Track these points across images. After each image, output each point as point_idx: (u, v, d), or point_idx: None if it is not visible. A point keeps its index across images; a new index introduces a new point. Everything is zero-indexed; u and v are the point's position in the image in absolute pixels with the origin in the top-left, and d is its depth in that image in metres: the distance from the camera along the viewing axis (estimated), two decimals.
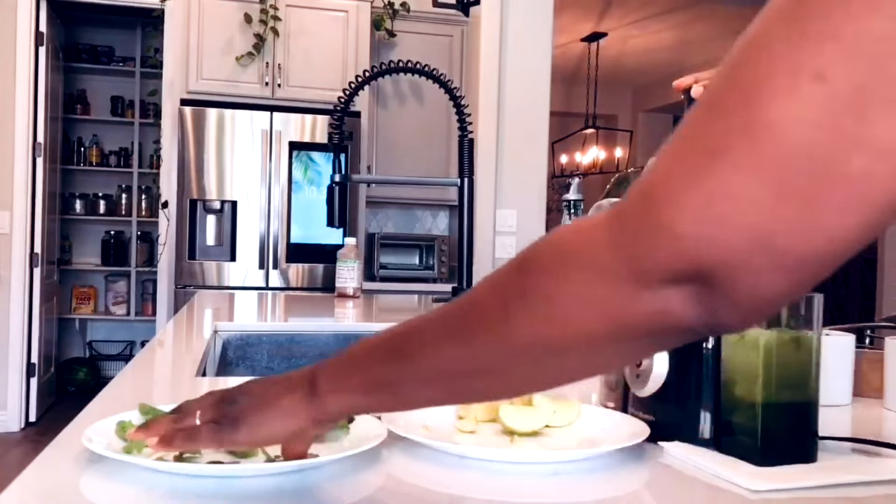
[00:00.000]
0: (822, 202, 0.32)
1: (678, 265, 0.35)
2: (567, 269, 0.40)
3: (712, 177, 0.34)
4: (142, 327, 5.75)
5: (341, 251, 2.70)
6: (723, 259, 0.34)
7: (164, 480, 0.68)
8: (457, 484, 0.72)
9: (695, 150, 0.35)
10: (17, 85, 4.34)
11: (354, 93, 1.82)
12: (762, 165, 0.33)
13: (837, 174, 0.32)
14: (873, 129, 0.31)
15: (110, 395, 1.04)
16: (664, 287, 0.37)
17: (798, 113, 0.32)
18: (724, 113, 0.34)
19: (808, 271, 0.34)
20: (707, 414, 0.83)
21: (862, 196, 0.32)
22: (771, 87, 0.32)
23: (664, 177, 0.36)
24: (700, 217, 0.34)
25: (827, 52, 0.31)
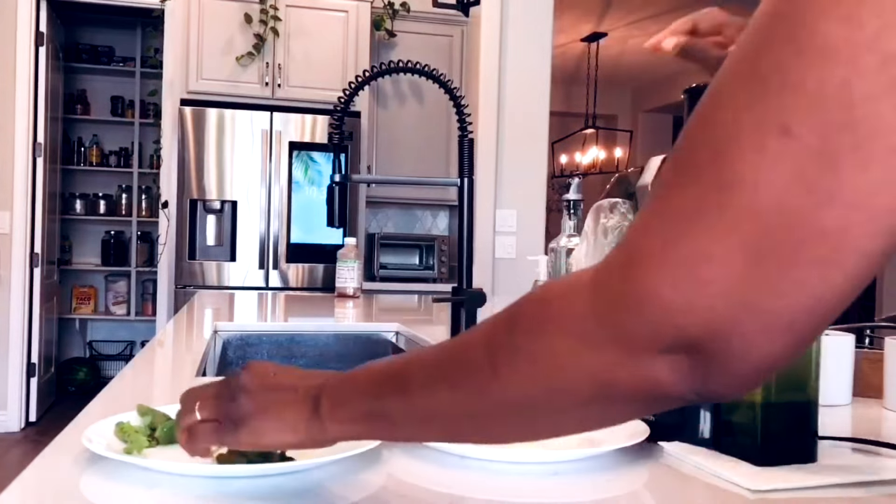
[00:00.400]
0: (801, 259, 0.32)
1: (662, 335, 0.35)
2: (552, 333, 0.40)
3: (688, 241, 0.33)
4: (142, 327, 5.75)
5: (341, 251, 2.70)
6: (708, 326, 0.33)
7: (164, 480, 0.68)
8: (457, 484, 0.72)
9: (669, 215, 0.34)
10: (18, 85, 4.34)
11: (354, 93, 1.82)
12: (735, 226, 0.32)
13: (812, 229, 0.31)
14: (843, 178, 0.30)
15: (110, 395, 1.04)
16: (651, 356, 0.36)
17: (766, 170, 0.31)
18: (694, 174, 0.34)
19: (801, 330, 0.33)
20: (707, 414, 0.83)
21: (841, 249, 0.31)
22: (737, 145, 0.32)
23: (642, 242, 0.35)
24: (679, 284, 0.33)
25: (789, 105, 0.31)
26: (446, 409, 0.47)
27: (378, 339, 1.92)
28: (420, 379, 0.48)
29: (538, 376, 0.40)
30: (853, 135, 0.30)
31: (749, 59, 0.33)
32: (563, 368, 0.39)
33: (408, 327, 1.90)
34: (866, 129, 0.30)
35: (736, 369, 0.34)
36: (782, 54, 0.31)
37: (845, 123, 0.30)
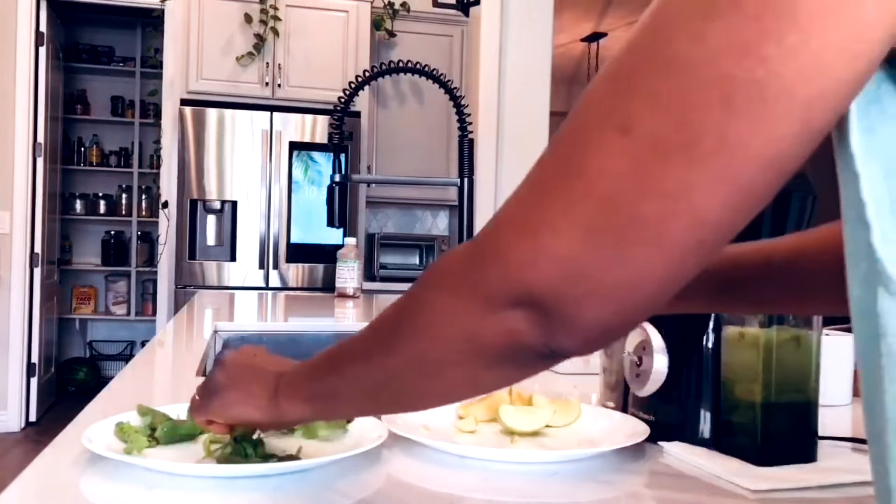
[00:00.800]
0: (627, 241, 0.36)
1: (511, 289, 0.40)
2: (435, 288, 0.45)
3: (538, 211, 0.39)
4: (142, 327, 5.75)
5: (341, 251, 2.70)
6: (547, 285, 0.38)
7: (164, 480, 0.68)
8: (457, 484, 0.72)
9: (530, 188, 0.40)
10: (18, 85, 4.34)
11: (354, 93, 1.82)
12: (575, 206, 0.37)
13: (636, 214, 0.36)
14: (665, 174, 0.35)
15: (110, 395, 1.04)
16: (507, 309, 0.40)
17: (605, 161, 0.36)
18: (554, 157, 0.39)
19: (627, 301, 0.38)
20: (707, 414, 0.83)
21: (659, 234, 0.36)
22: (586, 137, 0.37)
23: (507, 209, 0.41)
24: (527, 246, 0.39)
25: (631, 107, 0.36)
26: (368, 381, 0.52)
27: None
28: (348, 356, 0.54)
29: (424, 331, 0.46)
30: (682, 137, 0.34)
31: (614, 63, 0.38)
32: (442, 322, 0.44)
33: None
34: (694, 135, 0.34)
35: (573, 327, 0.39)
36: (636, 62, 0.36)
37: (676, 127, 0.34)
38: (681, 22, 0.34)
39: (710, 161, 0.34)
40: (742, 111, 0.33)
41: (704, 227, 0.36)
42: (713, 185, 0.35)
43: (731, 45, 0.33)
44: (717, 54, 0.33)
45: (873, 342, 0.36)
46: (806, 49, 0.32)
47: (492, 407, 0.90)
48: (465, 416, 0.89)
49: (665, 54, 0.35)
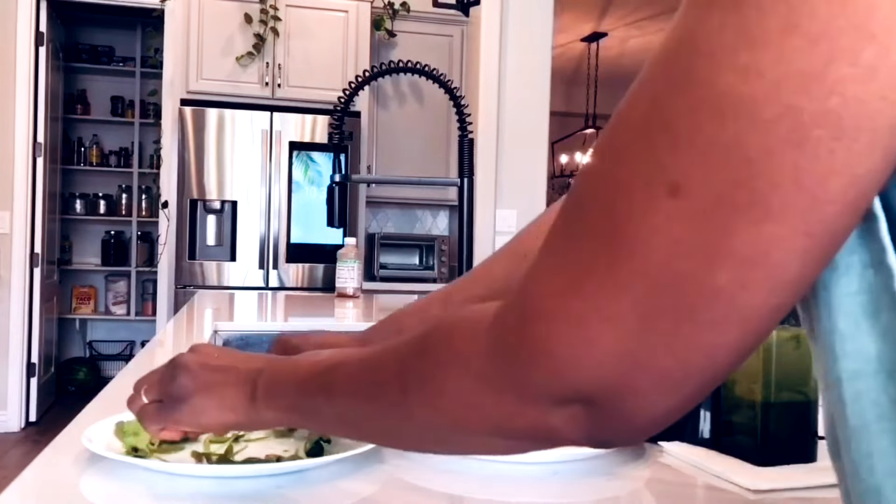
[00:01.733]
0: (695, 319, 0.31)
1: (556, 389, 0.35)
2: (454, 369, 0.40)
3: (579, 298, 0.33)
4: (142, 327, 5.75)
5: (341, 251, 2.70)
6: (600, 382, 0.33)
7: (164, 480, 0.68)
8: (457, 484, 0.72)
9: (562, 269, 0.34)
10: (18, 85, 4.34)
11: (354, 93, 1.82)
12: (626, 286, 0.32)
13: (705, 289, 0.31)
14: (735, 237, 0.30)
15: (110, 395, 1.04)
16: (546, 407, 0.36)
17: (656, 229, 0.31)
18: (586, 230, 0.33)
19: (695, 387, 0.33)
20: (707, 414, 0.83)
21: (736, 308, 0.31)
22: (627, 203, 0.31)
23: (536, 295, 0.35)
24: (571, 341, 0.33)
25: (680, 163, 0.30)
26: (362, 417, 0.49)
27: None
28: (342, 386, 0.50)
29: (441, 406, 0.41)
30: (748, 192, 0.29)
31: (641, 110, 0.32)
32: (463, 404, 0.40)
33: None
34: (762, 187, 0.29)
35: (630, 422, 0.35)
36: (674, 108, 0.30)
37: (739, 181, 0.29)
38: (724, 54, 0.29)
39: (786, 215, 0.29)
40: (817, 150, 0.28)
41: (785, 289, 0.31)
42: (792, 242, 0.30)
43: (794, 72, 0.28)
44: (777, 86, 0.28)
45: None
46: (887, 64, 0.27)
47: None
48: None
49: (707, 95, 0.29)
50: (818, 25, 0.27)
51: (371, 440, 0.56)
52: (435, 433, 0.44)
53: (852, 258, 0.32)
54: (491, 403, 0.38)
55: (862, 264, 0.32)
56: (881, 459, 0.32)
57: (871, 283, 0.31)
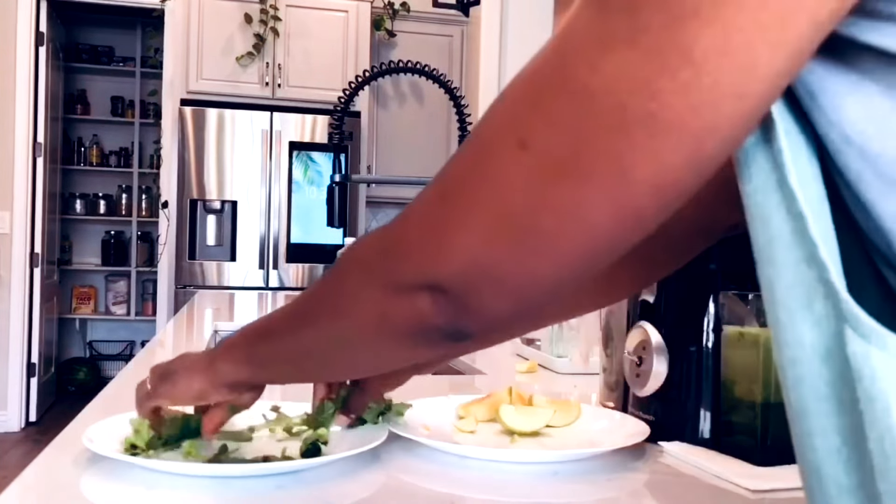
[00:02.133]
0: (523, 247, 0.39)
1: (419, 277, 0.44)
2: (349, 272, 0.50)
3: (445, 212, 0.42)
4: (142, 327, 5.75)
5: (341, 251, 2.70)
6: (449, 276, 0.42)
7: (164, 480, 0.68)
8: (457, 484, 0.72)
9: (439, 189, 0.43)
10: (18, 85, 4.34)
11: (354, 93, 1.82)
12: (478, 211, 0.40)
13: (531, 228, 0.39)
14: (562, 193, 0.37)
15: (110, 395, 1.04)
16: (415, 293, 0.44)
17: (503, 171, 0.39)
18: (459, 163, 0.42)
19: (524, 295, 0.42)
20: (707, 414, 0.83)
21: (554, 248, 0.39)
22: (489, 147, 0.40)
23: (415, 206, 0.45)
24: (432, 242, 0.42)
25: (532, 125, 0.37)
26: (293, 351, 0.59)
27: None
28: (276, 327, 0.60)
29: (339, 308, 0.51)
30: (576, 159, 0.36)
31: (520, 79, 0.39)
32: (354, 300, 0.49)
33: None
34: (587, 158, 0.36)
35: (474, 313, 0.43)
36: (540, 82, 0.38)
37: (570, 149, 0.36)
38: (582, 50, 0.35)
39: (602, 184, 0.36)
40: (634, 140, 0.35)
41: (595, 241, 0.38)
42: (603, 206, 0.37)
43: (627, 77, 0.34)
44: (612, 85, 0.34)
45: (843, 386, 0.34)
46: (699, 85, 0.33)
47: (492, 407, 0.90)
48: (465, 416, 0.89)
49: (565, 79, 0.36)
50: (654, 43, 0.33)
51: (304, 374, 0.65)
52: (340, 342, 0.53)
53: (788, 253, 0.36)
54: (375, 295, 0.47)
55: (796, 260, 0.36)
56: (820, 439, 0.36)
57: (804, 276, 0.35)
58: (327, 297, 0.53)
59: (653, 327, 0.85)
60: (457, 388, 1.15)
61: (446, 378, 1.28)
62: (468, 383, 1.25)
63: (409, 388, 0.81)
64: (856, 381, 0.33)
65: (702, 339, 0.84)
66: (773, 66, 0.33)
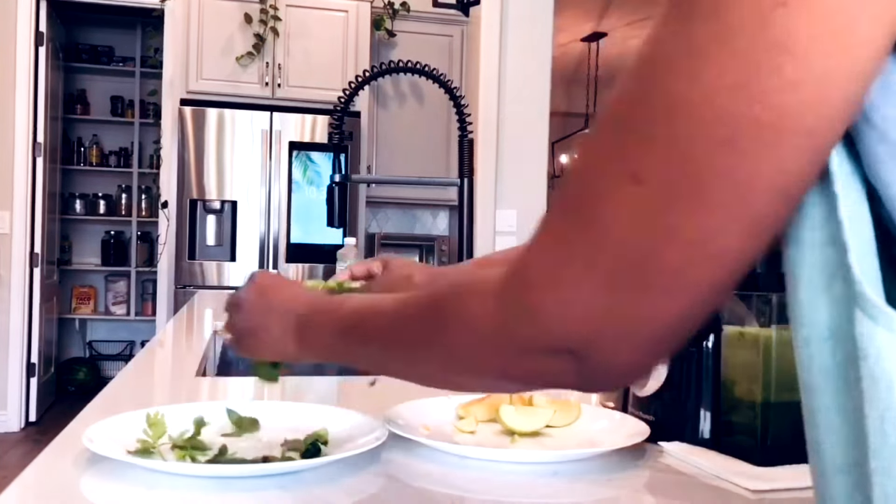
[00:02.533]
0: (650, 289, 0.37)
1: (546, 341, 0.41)
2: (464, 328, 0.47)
3: (561, 269, 0.39)
4: (142, 327, 5.75)
5: (341, 251, 2.69)
6: (579, 337, 0.40)
7: (164, 480, 0.68)
8: (457, 484, 0.72)
9: (550, 244, 0.41)
10: (17, 85, 4.34)
11: (354, 93, 1.82)
12: (594, 259, 0.38)
13: (658, 265, 0.36)
14: (682, 221, 0.35)
15: (110, 395, 1.04)
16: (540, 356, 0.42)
17: (619, 213, 0.36)
18: (567, 211, 0.40)
19: (655, 345, 0.40)
20: (707, 414, 0.83)
21: (683, 282, 0.37)
22: (597, 190, 0.37)
23: (531, 265, 0.42)
24: (557, 303, 0.40)
25: (641, 157, 0.35)
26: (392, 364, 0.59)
27: None
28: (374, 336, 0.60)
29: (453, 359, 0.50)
30: (693, 182, 0.34)
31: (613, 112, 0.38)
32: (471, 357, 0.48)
33: None
34: (704, 179, 0.34)
35: (606, 370, 0.41)
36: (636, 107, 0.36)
37: (685, 174, 0.34)
38: (673, 62, 0.34)
39: (724, 204, 0.34)
40: (746, 149, 0.33)
41: (725, 266, 0.36)
42: (730, 227, 0.35)
43: (725, 82, 0.32)
44: (712, 93, 0.33)
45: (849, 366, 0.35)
46: (808, 78, 0.31)
47: (492, 407, 0.90)
48: (465, 416, 0.89)
49: (662, 97, 0.34)
50: (744, 42, 0.32)
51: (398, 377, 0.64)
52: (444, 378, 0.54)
53: (814, 234, 0.36)
54: (496, 354, 0.45)
55: (822, 240, 0.35)
56: (822, 415, 0.37)
57: (828, 256, 0.35)
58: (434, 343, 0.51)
59: None
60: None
61: None
62: None
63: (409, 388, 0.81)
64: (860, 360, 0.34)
65: (702, 340, 0.84)
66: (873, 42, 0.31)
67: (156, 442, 0.74)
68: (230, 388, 1.18)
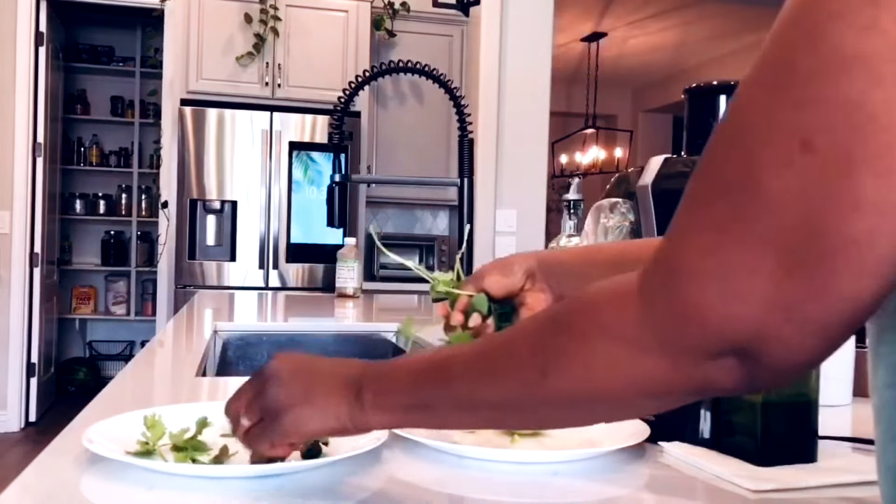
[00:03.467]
0: (832, 267, 0.33)
1: (710, 344, 0.37)
2: (600, 339, 0.42)
3: (723, 254, 0.35)
4: (142, 327, 5.75)
5: (341, 251, 2.70)
6: (750, 333, 0.35)
7: (164, 480, 0.68)
8: (457, 484, 0.72)
9: (703, 227, 0.36)
10: (17, 85, 4.34)
11: (354, 93, 1.83)
12: (767, 238, 0.34)
13: (840, 238, 0.32)
14: (864, 189, 0.31)
15: (110, 395, 1.04)
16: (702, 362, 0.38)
17: (790, 183, 0.33)
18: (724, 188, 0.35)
19: (835, 331, 0.35)
20: (707, 414, 0.83)
21: (871, 255, 0.32)
22: (761, 160, 0.34)
23: (680, 255, 0.37)
24: (720, 295, 0.35)
25: (811, 120, 0.32)
26: (488, 400, 0.49)
27: (378, 339, 1.92)
28: (461, 372, 0.51)
29: (585, 378, 0.43)
30: (874, 145, 0.31)
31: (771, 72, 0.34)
32: (612, 374, 0.41)
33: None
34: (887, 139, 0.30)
35: (779, 367, 0.36)
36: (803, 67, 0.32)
37: (865, 135, 0.31)
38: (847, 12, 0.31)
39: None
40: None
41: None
42: None
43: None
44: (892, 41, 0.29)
45: None
46: None
47: None
48: None
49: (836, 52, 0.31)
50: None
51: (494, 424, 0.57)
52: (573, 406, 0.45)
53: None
54: (643, 368, 0.40)
55: None
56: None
57: None
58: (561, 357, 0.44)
59: None
60: None
61: None
62: None
63: None
64: None
65: None
66: None
67: (155, 443, 0.73)
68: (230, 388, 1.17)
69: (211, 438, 0.76)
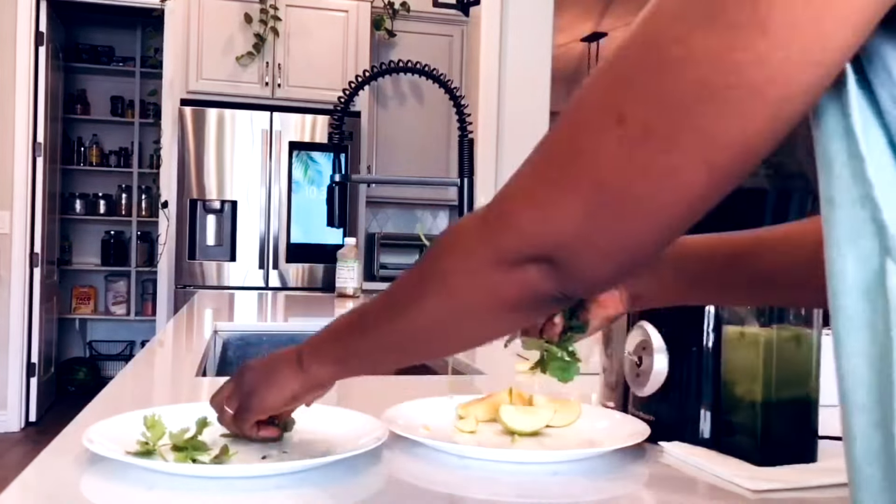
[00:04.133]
0: (623, 215, 0.43)
1: (526, 250, 0.47)
2: (454, 254, 0.53)
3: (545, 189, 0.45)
4: (142, 327, 5.75)
5: (341, 251, 2.69)
6: (555, 247, 0.46)
7: (164, 480, 0.68)
8: (457, 484, 0.72)
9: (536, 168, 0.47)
10: (17, 85, 4.34)
11: (354, 93, 1.83)
12: (576, 184, 0.44)
13: (630, 195, 0.42)
14: (656, 159, 0.41)
15: (110, 395, 1.04)
16: (523, 265, 0.48)
17: (603, 146, 0.42)
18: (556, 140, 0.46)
19: (624, 260, 0.46)
20: (707, 414, 0.83)
21: (651, 211, 0.43)
22: (587, 124, 0.43)
23: (514, 185, 0.48)
24: (536, 217, 0.46)
25: (628, 100, 0.41)
26: (394, 337, 0.61)
27: None
28: (373, 318, 0.62)
29: (447, 291, 0.54)
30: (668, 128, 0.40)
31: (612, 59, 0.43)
32: (463, 281, 0.52)
33: None
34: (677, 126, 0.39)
35: (581, 277, 0.47)
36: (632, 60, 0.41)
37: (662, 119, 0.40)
38: (671, 27, 0.39)
39: (692, 148, 0.40)
40: (717, 109, 0.38)
41: (688, 201, 0.42)
42: (694, 168, 0.40)
43: (709, 51, 0.37)
44: (697, 59, 0.38)
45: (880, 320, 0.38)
46: (774, 57, 0.36)
47: (492, 407, 0.90)
48: (465, 417, 0.89)
49: (656, 55, 0.40)
50: (732, 19, 0.36)
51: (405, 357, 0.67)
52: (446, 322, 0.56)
53: (846, 195, 0.39)
54: (483, 270, 0.50)
55: (852, 200, 0.39)
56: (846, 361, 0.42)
57: (857, 215, 0.39)
58: (430, 278, 0.55)
59: (653, 327, 0.85)
60: (457, 388, 1.15)
61: (446, 378, 1.28)
62: (468, 383, 1.25)
63: (409, 389, 0.81)
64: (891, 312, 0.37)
65: (702, 339, 0.84)
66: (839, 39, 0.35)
67: (155, 443, 0.73)
68: None
69: (211, 438, 0.76)
